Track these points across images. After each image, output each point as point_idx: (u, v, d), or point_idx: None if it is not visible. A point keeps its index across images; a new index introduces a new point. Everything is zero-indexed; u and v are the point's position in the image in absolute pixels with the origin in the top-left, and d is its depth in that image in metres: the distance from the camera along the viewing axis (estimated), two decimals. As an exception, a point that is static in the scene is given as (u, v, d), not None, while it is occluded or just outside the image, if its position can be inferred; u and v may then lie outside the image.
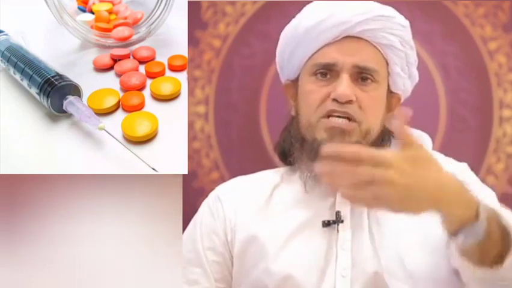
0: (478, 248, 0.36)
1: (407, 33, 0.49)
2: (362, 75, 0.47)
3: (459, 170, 0.49)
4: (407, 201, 0.34)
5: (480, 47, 0.74)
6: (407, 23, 0.49)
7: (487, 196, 0.46)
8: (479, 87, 0.74)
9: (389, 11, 0.48)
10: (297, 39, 0.49)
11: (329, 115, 0.47)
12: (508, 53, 0.73)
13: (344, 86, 0.46)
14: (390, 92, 0.50)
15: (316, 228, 0.47)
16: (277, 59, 0.53)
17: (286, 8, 0.74)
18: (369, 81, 0.47)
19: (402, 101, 0.52)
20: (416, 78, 0.52)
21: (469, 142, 0.73)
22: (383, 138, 0.50)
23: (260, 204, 0.50)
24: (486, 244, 0.36)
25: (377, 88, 0.48)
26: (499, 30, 0.74)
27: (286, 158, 0.52)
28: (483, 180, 0.50)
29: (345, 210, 0.47)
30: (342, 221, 0.47)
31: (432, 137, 0.53)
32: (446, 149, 0.51)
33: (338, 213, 0.47)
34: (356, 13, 0.47)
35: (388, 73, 0.49)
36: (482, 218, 0.35)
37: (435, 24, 0.74)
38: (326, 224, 0.47)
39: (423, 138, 0.50)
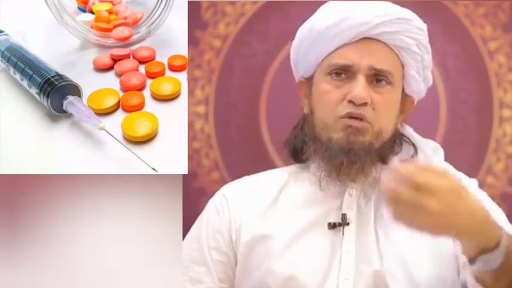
0: (494, 274, 0.37)
1: (424, 37, 0.49)
2: (377, 77, 0.47)
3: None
4: (437, 227, 0.35)
5: (480, 47, 0.74)
6: (424, 26, 0.49)
7: (497, 217, 0.46)
8: (479, 87, 0.74)
9: (408, 13, 0.48)
10: (314, 38, 0.49)
11: (345, 117, 0.47)
12: (508, 53, 0.73)
13: (360, 88, 0.46)
14: (404, 95, 0.50)
15: (321, 229, 0.47)
16: (291, 56, 0.53)
17: (286, 8, 0.74)
18: (384, 83, 0.47)
19: (415, 103, 0.52)
20: (430, 82, 0.51)
21: (469, 142, 0.73)
22: (395, 140, 0.50)
23: (266, 204, 0.50)
24: (502, 270, 0.36)
25: (392, 91, 0.48)
26: (499, 30, 0.74)
27: (297, 155, 0.52)
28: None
29: (351, 213, 0.47)
30: (347, 224, 0.47)
31: (433, 137, 0.53)
32: (446, 149, 0.51)
33: (344, 216, 0.47)
34: (375, 15, 0.47)
35: (403, 76, 0.49)
36: (501, 247, 0.36)
37: (435, 24, 0.74)
38: (332, 226, 0.47)
39: (437, 149, 0.50)
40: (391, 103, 0.48)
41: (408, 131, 0.52)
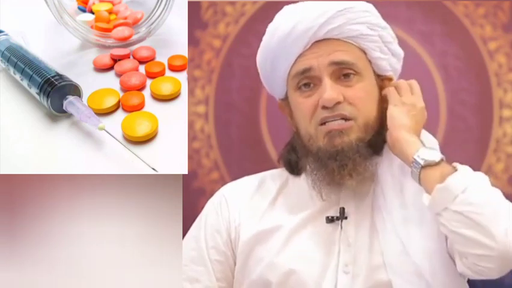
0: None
1: (373, 17, 0.49)
2: (343, 72, 0.47)
3: None
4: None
5: (480, 47, 0.74)
6: (369, 6, 0.49)
7: None
8: (479, 87, 0.74)
9: (346, 3, 0.48)
10: (272, 55, 0.49)
11: (324, 122, 0.47)
12: (508, 53, 0.73)
13: (328, 90, 0.46)
14: (378, 77, 0.50)
15: (320, 224, 0.47)
16: (263, 81, 0.53)
17: (286, 8, 0.74)
18: (351, 75, 0.47)
19: (396, 79, 0.51)
20: (401, 54, 0.51)
21: (469, 142, 0.73)
22: (384, 125, 0.49)
23: (266, 204, 0.50)
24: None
25: (362, 79, 0.48)
26: (499, 30, 0.74)
27: (293, 169, 0.52)
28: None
29: (350, 207, 0.47)
30: (346, 218, 0.47)
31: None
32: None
33: (342, 210, 0.47)
34: (315, 16, 0.47)
35: (369, 61, 0.49)
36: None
37: (435, 24, 0.74)
38: (330, 220, 0.47)
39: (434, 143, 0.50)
40: (366, 92, 0.48)
41: None
